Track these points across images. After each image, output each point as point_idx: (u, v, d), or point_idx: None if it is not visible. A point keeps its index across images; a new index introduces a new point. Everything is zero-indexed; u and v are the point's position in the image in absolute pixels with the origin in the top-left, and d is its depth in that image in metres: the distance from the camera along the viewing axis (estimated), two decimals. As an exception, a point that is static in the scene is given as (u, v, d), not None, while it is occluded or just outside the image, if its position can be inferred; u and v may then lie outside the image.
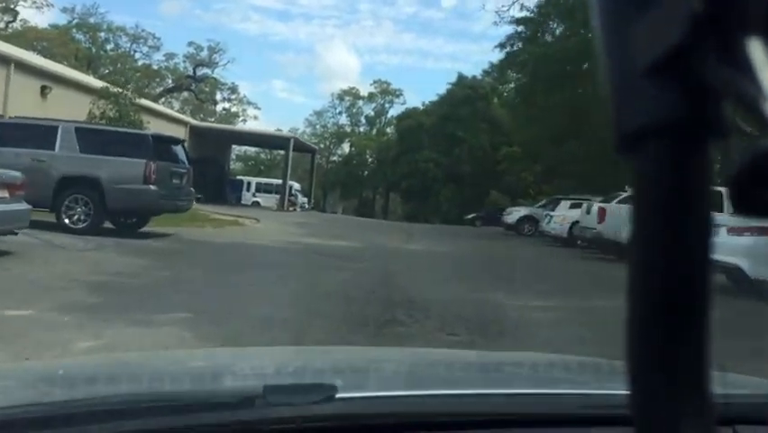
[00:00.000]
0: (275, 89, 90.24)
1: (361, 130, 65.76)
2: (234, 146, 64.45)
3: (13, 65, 18.14)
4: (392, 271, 10.48)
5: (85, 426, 0.91)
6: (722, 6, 0.28)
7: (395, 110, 63.21)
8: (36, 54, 29.46)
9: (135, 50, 51.66)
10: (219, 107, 57.64)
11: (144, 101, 25.15)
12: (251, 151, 64.31)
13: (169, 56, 52.32)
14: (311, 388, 1.01)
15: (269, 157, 64.74)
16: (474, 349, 4.60)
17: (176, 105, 48.71)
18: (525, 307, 7.78)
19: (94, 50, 49.72)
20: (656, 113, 0.30)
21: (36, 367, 1.86)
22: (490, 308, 7.34)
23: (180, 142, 14.54)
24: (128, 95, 20.39)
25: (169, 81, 51.78)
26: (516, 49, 26.99)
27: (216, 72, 52.11)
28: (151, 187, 11.93)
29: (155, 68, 51.83)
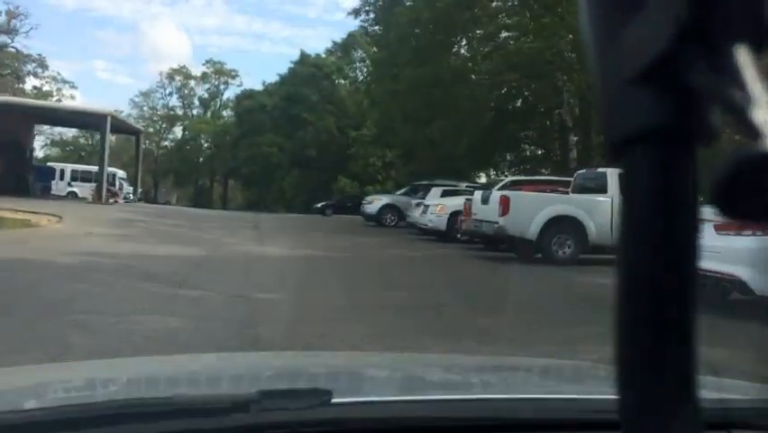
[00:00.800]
0: (95, 69, 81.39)
1: (195, 113, 60.03)
2: (46, 128, 56.72)
3: None
4: (258, 306, 6.57)
5: (79, 430, 0.91)
6: (707, 15, 0.28)
7: (231, 92, 58.07)
8: None
9: None
10: (28, 85, 49.19)
11: None
12: (68, 134, 56.30)
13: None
14: (307, 393, 1.00)
15: (90, 142, 57.35)
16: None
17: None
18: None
19: None
20: (644, 119, 0.30)
21: (34, 371, 1.81)
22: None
23: None
24: None
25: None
26: (373, 17, 23.46)
27: (18, 42, 43.71)
28: None
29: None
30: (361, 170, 42.34)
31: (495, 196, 12.07)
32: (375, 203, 23.12)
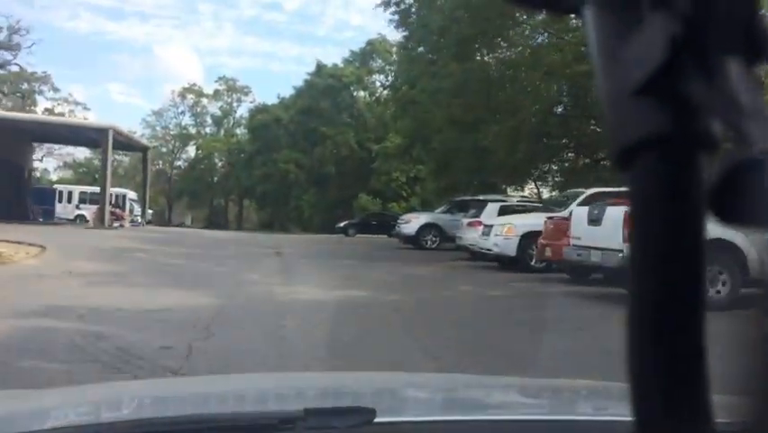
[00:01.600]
0: (111, 92, 79.53)
1: (208, 131, 57.08)
2: (56, 149, 53.69)
3: None
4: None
5: None
6: (700, 29, 0.29)
7: (243, 109, 55.04)
8: None
9: None
10: (40, 108, 46.39)
11: None
12: (80, 155, 53.26)
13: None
14: (351, 411, 0.99)
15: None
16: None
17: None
18: None
19: None
20: (645, 129, 0.30)
21: (91, 390, 1.81)
22: None
23: None
24: None
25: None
26: (410, 5, 19.97)
27: (21, 59, 40.85)
28: None
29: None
30: (383, 186, 39.06)
31: (613, 214, 8.70)
32: (413, 222, 19.74)
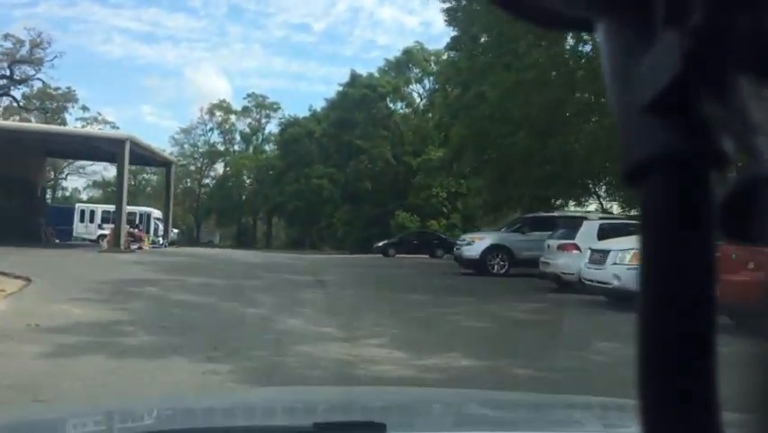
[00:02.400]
0: (143, 114, 78.71)
1: (236, 148, 54.50)
2: (82, 168, 51.63)
3: None
4: None
5: None
6: (713, 46, 0.29)
7: (272, 126, 52.45)
8: None
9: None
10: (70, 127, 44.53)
11: None
12: (109, 174, 51.15)
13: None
14: (361, 426, 0.97)
15: (132, 182, 52.12)
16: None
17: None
18: None
19: None
20: (657, 146, 0.30)
21: (105, 405, 1.82)
22: None
23: None
24: None
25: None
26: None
27: (44, 73, 38.60)
28: None
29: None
30: (422, 203, 35.81)
31: None
32: (476, 243, 16.41)
